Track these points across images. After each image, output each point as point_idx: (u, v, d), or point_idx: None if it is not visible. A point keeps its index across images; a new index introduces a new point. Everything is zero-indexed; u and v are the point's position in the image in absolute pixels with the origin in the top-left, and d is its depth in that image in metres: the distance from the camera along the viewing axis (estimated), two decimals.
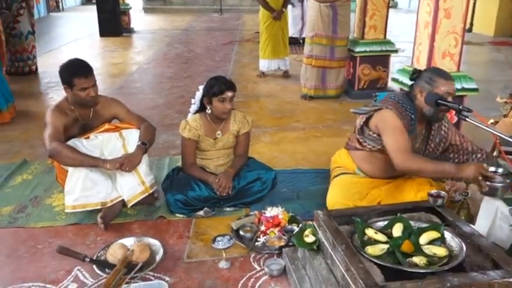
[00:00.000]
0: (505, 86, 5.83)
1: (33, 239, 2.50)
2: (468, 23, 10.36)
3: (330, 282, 1.76)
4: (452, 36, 3.43)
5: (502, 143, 2.72)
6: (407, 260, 1.71)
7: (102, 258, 2.26)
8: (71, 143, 2.56)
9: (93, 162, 2.53)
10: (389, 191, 2.57)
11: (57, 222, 2.67)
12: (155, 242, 2.39)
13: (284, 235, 2.41)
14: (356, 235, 1.86)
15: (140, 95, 5.73)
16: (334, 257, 1.77)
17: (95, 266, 2.20)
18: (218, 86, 2.68)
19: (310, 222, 2.10)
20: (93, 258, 2.23)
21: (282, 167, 3.40)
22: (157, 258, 2.27)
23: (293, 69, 6.56)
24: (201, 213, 2.71)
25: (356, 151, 2.65)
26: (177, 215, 2.70)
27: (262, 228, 2.46)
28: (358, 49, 5.30)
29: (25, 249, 2.41)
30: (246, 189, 2.81)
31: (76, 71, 2.59)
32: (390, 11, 5.50)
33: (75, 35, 10.83)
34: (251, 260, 2.29)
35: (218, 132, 2.84)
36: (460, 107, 2.22)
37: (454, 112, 2.31)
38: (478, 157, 2.56)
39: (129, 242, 2.36)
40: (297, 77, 5.80)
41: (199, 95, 2.83)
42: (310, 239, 2.00)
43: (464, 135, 2.64)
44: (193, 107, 2.91)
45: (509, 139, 2.13)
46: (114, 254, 2.20)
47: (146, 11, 16.62)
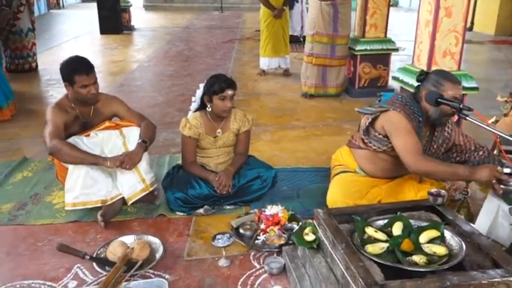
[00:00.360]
0: (505, 85, 5.83)
1: (33, 236, 2.50)
2: (469, 22, 10.36)
3: (329, 280, 1.76)
4: (453, 34, 3.43)
5: (503, 142, 2.72)
6: (407, 259, 1.71)
7: (102, 256, 2.27)
8: (71, 140, 2.56)
9: (93, 160, 2.53)
10: (390, 189, 2.56)
11: (57, 219, 2.67)
12: (155, 240, 2.39)
13: (284, 233, 2.41)
14: (356, 234, 1.86)
15: (140, 92, 5.73)
16: (334, 255, 1.77)
17: (94, 264, 2.20)
18: (219, 84, 2.67)
19: (310, 221, 2.10)
20: (93, 256, 2.23)
21: (282, 165, 3.39)
22: (157, 256, 2.27)
23: (294, 68, 6.55)
24: (201, 211, 2.71)
25: (359, 150, 2.63)
26: (177, 213, 2.71)
27: (262, 226, 2.46)
28: (358, 47, 5.29)
29: (25, 246, 2.41)
30: (246, 187, 2.81)
31: (77, 68, 2.59)
32: (391, 9, 5.50)
33: (76, 32, 10.83)
34: (251, 258, 2.29)
35: (218, 130, 2.84)
36: (460, 106, 2.21)
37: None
38: (480, 154, 2.54)
39: (129, 239, 2.36)
40: (297, 75, 5.80)
41: (199, 93, 2.83)
42: (310, 237, 2.00)
43: (468, 135, 2.62)
44: (194, 105, 2.91)
45: (510, 138, 2.12)
46: (114, 251, 2.21)
47: (147, 8, 16.62)
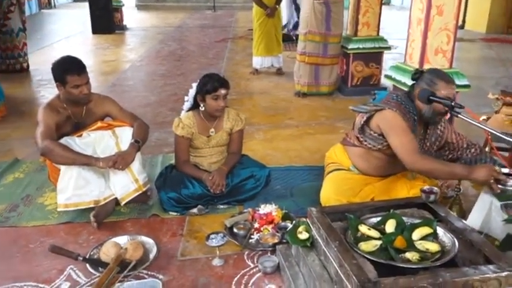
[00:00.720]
0: (496, 83, 5.87)
1: (25, 238, 2.48)
2: (460, 20, 10.43)
3: (323, 278, 1.77)
4: (444, 33, 3.45)
5: (494, 139, 2.75)
6: (400, 256, 1.72)
7: (95, 257, 2.25)
8: (63, 141, 2.55)
9: (85, 161, 2.51)
10: (383, 187, 2.57)
11: (49, 221, 2.65)
12: (149, 240, 2.38)
13: (278, 232, 2.41)
14: (349, 231, 1.87)
15: (133, 92, 5.71)
16: (328, 253, 1.77)
17: (88, 265, 2.19)
18: (211, 84, 2.67)
19: (304, 219, 2.10)
20: (86, 257, 2.22)
21: (276, 164, 3.39)
22: (151, 256, 2.26)
23: (286, 67, 6.56)
24: (194, 211, 2.70)
25: (353, 148, 2.64)
26: (171, 213, 2.70)
27: (256, 225, 2.46)
28: (351, 46, 5.31)
29: (17, 248, 2.39)
30: (239, 186, 2.81)
31: (69, 68, 2.57)
32: (383, 8, 5.52)
33: (67, 32, 10.76)
34: (245, 257, 2.29)
35: (211, 129, 2.83)
36: (452, 104, 2.22)
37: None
38: (472, 152, 2.56)
39: (122, 240, 2.35)
40: (290, 74, 5.80)
41: (192, 92, 2.82)
42: (303, 235, 2.00)
43: (460, 133, 2.63)
44: (187, 105, 2.90)
45: (501, 135, 2.14)
46: (107, 252, 2.19)
47: (139, 8, 16.54)
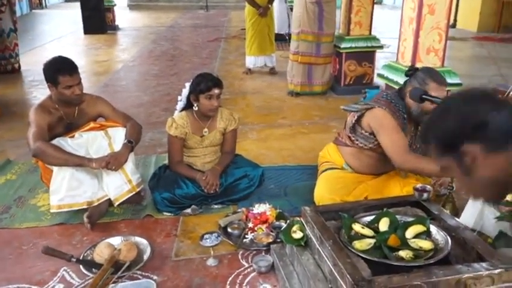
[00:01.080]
0: (488, 81, 5.91)
1: (18, 240, 2.46)
2: (452, 19, 10.48)
3: (317, 277, 1.77)
4: (436, 32, 3.48)
5: None
6: (393, 254, 1.72)
7: (89, 258, 2.24)
8: (55, 142, 2.53)
9: (78, 161, 2.50)
10: (376, 185, 2.59)
11: (42, 222, 2.63)
12: (142, 241, 2.37)
13: (272, 231, 2.41)
14: (343, 230, 1.87)
15: (125, 93, 5.68)
16: (322, 252, 1.78)
17: (81, 266, 2.18)
18: (205, 83, 2.66)
19: (298, 218, 2.10)
20: (80, 258, 2.21)
21: (269, 163, 3.40)
22: (145, 257, 2.25)
23: (279, 66, 6.56)
24: (188, 211, 2.70)
25: (345, 147, 2.65)
26: (164, 213, 2.69)
27: (250, 225, 2.46)
28: (343, 45, 5.32)
29: (10, 250, 2.37)
30: (233, 186, 2.81)
31: (60, 69, 2.55)
32: (375, 7, 5.54)
33: (59, 32, 10.68)
34: (239, 257, 2.29)
35: (205, 129, 2.83)
36: None
37: None
38: None
39: (116, 241, 2.34)
40: (283, 73, 5.81)
41: (185, 92, 2.82)
42: (297, 235, 2.00)
43: None
44: (180, 105, 2.90)
45: None
46: (100, 253, 2.18)
47: (131, 7, 16.47)
